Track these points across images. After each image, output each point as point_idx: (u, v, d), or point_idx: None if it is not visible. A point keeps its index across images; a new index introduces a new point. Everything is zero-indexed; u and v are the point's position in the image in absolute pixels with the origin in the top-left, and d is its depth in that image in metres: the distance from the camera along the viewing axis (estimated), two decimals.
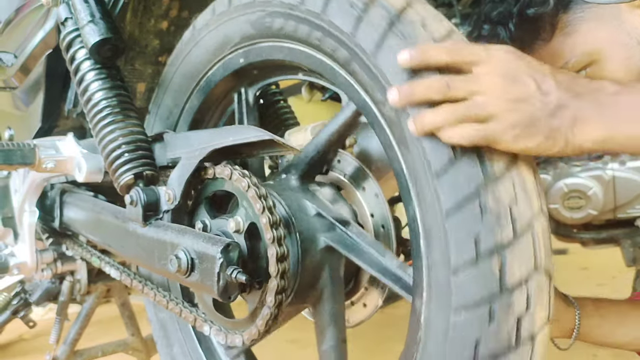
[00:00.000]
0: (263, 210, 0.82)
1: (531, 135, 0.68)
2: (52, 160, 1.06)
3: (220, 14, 1.00)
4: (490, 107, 0.68)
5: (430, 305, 0.73)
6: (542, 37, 1.02)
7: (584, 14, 0.99)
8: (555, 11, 1.00)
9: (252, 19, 0.94)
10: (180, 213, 0.97)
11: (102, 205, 1.12)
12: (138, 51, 1.25)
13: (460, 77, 0.70)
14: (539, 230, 0.71)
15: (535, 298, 0.70)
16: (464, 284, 0.69)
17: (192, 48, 1.07)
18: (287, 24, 0.88)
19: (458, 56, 0.70)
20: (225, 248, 0.82)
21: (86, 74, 1.02)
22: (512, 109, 0.68)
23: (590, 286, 2.51)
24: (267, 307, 0.84)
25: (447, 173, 0.70)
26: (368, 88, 0.79)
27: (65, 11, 1.04)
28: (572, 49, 1.00)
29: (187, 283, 0.90)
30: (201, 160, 0.91)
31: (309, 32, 0.85)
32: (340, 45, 0.80)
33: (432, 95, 0.70)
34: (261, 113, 1.17)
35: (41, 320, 2.32)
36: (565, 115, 0.68)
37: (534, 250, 0.70)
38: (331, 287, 0.90)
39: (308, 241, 0.88)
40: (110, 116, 1.00)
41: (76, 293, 1.45)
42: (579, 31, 0.99)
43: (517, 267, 0.69)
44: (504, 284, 0.68)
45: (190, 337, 1.16)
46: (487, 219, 0.68)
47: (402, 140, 0.75)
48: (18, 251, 1.33)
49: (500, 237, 0.68)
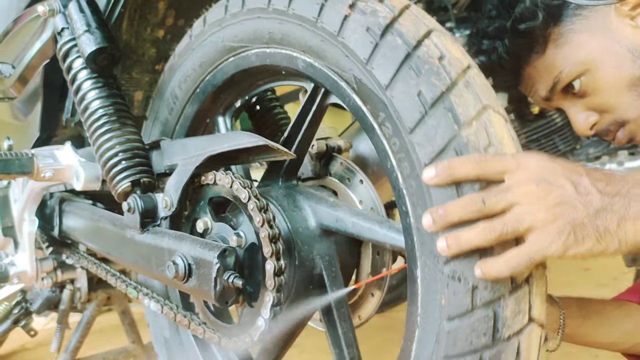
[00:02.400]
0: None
1: (579, 241, 0.65)
2: (50, 169, 1.07)
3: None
4: (530, 218, 0.65)
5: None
6: (536, 50, 1.04)
7: (574, 25, 1.01)
8: (546, 24, 1.02)
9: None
10: (178, 219, 0.98)
11: (101, 213, 1.13)
12: (135, 60, 1.25)
13: (494, 190, 0.67)
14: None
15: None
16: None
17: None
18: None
19: (487, 168, 0.67)
20: (221, 253, 0.83)
21: (83, 83, 1.03)
22: (554, 217, 0.65)
23: (592, 287, 2.51)
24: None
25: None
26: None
27: (62, 21, 1.05)
28: (565, 60, 1.02)
29: (185, 289, 0.91)
30: (197, 166, 0.92)
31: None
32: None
33: (469, 215, 0.66)
34: (258, 119, 1.18)
35: (43, 329, 2.33)
36: (610, 216, 0.66)
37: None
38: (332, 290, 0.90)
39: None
40: (107, 124, 1.01)
41: (77, 301, 1.46)
42: (571, 42, 1.01)
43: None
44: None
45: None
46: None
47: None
48: (18, 260, 1.34)
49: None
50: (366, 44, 0.76)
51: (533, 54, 1.04)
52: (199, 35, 1.03)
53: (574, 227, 0.65)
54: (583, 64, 1.01)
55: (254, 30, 0.91)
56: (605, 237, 0.66)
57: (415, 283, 0.74)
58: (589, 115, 1.05)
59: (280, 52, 0.88)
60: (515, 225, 0.65)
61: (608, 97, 1.02)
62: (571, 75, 1.02)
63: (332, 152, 1.00)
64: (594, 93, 1.02)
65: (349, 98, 0.80)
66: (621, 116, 1.03)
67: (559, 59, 1.02)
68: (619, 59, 0.98)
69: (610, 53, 0.99)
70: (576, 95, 1.04)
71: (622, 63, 0.98)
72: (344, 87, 0.80)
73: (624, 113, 1.02)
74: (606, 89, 1.01)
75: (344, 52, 0.79)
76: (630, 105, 1.01)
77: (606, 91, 1.01)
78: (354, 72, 0.78)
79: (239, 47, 0.95)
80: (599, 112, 1.05)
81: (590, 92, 1.02)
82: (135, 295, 1.08)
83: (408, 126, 0.72)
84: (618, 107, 1.02)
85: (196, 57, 1.03)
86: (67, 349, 1.68)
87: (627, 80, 0.99)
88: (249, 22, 0.92)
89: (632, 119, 1.02)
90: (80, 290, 1.45)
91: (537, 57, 1.04)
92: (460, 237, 0.67)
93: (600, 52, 0.99)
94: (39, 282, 1.36)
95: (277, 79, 1.01)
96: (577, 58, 1.01)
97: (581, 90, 1.03)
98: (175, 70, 1.09)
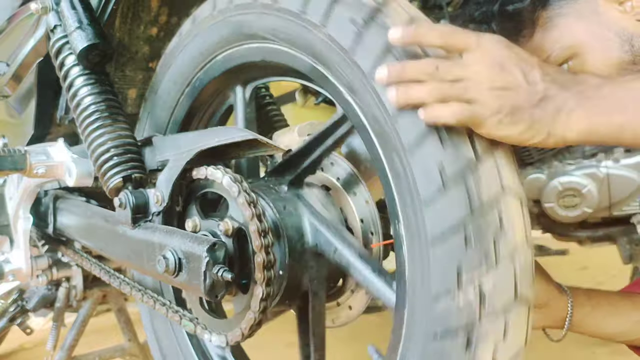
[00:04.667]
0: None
1: (514, 122, 0.69)
2: (42, 165, 1.07)
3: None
4: (475, 92, 0.70)
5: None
6: (523, 34, 1.04)
7: (562, 9, 1.01)
8: (534, 8, 1.02)
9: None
10: (171, 214, 0.98)
11: (94, 209, 1.13)
12: (128, 57, 1.26)
13: (450, 61, 0.72)
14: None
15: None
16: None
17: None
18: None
19: (450, 40, 0.72)
20: (211, 247, 0.83)
21: (75, 80, 1.03)
22: (497, 96, 0.69)
23: (590, 285, 2.48)
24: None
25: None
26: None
27: (55, 18, 1.05)
28: (552, 44, 1.01)
29: (176, 283, 0.91)
30: (187, 161, 0.92)
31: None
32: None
33: (421, 76, 0.71)
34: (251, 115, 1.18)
35: (41, 330, 2.33)
36: (549, 107, 0.70)
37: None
38: (314, 289, 0.90)
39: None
40: (99, 120, 1.01)
41: (72, 299, 1.46)
42: (559, 26, 1.01)
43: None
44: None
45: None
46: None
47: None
48: (13, 258, 1.34)
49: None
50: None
51: (520, 38, 1.04)
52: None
53: (512, 109, 0.69)
54: (571, 48, 1.00)
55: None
56: (537, 126, 0.70)
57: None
58: None
59: None
60: (460, 92, 0.70)
61: None
62: (559, 59, 1.01)
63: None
64: None
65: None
66: None
67: (546, 43, 1.02)
68: (606, 44, 0.97)
69: (598, 37, 0.98)
70: None
71: (610, 47, 0.97)
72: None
73: None
74: (594, 74, 1.01)
75: None
76: None
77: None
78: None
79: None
80: None
81: None
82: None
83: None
84: None
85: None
86: (63, 347, 1.68)
87: (616, 64, 0.97)
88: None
89: None
90: (75, 288, 1.45)
91: (524, 42, 1.04)
92: (410, 91, 0.71)
93: (588, 37, 0.99)
94: (34, 280, 1.36)
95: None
96: (564, 42, 1.00)
97: None
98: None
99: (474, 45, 0.71)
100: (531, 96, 0.70)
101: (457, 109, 0.70)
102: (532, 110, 0.70)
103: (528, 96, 0.70)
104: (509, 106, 0.69)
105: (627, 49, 0.97)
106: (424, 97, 0.71)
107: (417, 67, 0.72)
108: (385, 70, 0.72)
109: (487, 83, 0.70)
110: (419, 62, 0.72)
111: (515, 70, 0.70)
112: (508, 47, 0.72)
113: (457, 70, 0.71)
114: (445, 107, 0.70)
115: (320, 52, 0.81)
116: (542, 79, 0.70)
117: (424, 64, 0.72)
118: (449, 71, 0.71)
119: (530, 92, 0.70)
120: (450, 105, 0.70)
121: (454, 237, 0.69)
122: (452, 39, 0.72)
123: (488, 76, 0.70)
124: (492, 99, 0.69)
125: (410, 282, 0.74)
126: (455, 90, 0.70)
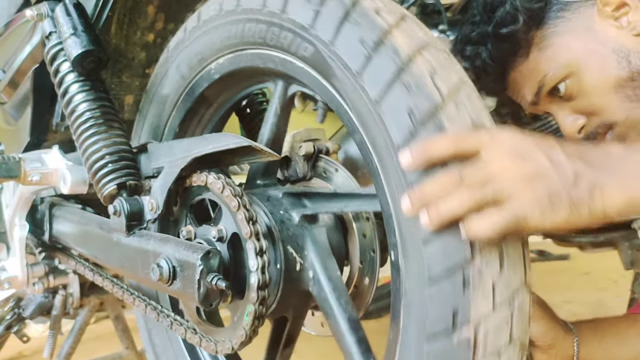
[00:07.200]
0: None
1: (555, 209, 0.66)
2: (37, 172, 1.07)
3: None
4: (508, 188, 0.66)
5: None
6: (519, 54, 1.03)
7: (557, 28, 1.00)
8: (528, 28, 1.00)
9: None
10: (166, 222, 0.98)
11: (89, 217, 1.13)
12: (125, 64, 1.25)
13: (471, 165, 0.68)
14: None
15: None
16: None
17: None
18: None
19: (462, 143, 0.68)
20: (205, 255, 0.82)
21: (70, 86, 1.03)
22: (531, 187, 0.66)
23: (592, 291, 2.49)
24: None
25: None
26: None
27: (50, 25, 1.05)
28: (549, 63, 1.00)
29: (170, 291, 0.90)
30: (182, 169, 0.92)
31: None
32: None
33: (446, 191, 0.67)
34: (248, 122, 1.18)
35: (40, 337, 2.32)
36: (583, 185, 0.67)
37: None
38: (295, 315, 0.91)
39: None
40: (94, 127, 1.01)
41: (69, 307, 1.45)
42: (554, 45, 1.00)
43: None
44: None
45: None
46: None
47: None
48: (9, 265, 1.34)
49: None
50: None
51: (517, 58, 1.03)
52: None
53: (550, 197, 0.66)
54: (567, 67, 0.99)
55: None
56: (579, 205, 0.67)
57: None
58: (576, 119, 1.03)
59: None
60: (493, 193, 0.66)
61: (594, 99, 1.00)
62: (556, 78, 1.00)
63: (320, 154, 0.99)
64: (580, 96, 1.01)
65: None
66: (609, 118, 1.01)
67: (542, 62, 1.01)
68: (603, 60, 0.96)
69: (594, 54, 0.97)
70: (563, 99, 1.03)
71: (607, 64, 0.96)
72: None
73: (611, 115, 1.00)
74: (592, 91, 0.99)
75: None
76: (617, 107, 0.99)
77: (592, 93, 0.99)
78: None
79: None
80: (586, 115, 1.03)
81: (576, 94, 1.01)
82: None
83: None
84: (605, 109, 1.00)
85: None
86: (60, 355, 1.67)
87: (613, 81, 0.97)
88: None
89: (620, 121, 1.00)
90: (72, 295, 1.44)
91: (521, 62, 1.03)
92: (440, 207, 0.67)
93: (584, 54, 0.98)
94: (30, 287, 1.35)
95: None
96: (561, 61, 0.99)
97: (567, 93, 1.01)
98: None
99: (489, 141, 0.68)
100: (563, 178, 0.67)
101: (496, 218, 0.66)
102: (569, 193, 0.66)
103: (560, 179, 0.67)
104: (546, 193, 0.66)
105: (625, 66, 0.96)
106: (457, 213, 0.66)
107: (440, 184, 0.67)
108: (407, 200, 0.68)
109: (516, 175, 0.66)
110: (440, 178, 0.68)
111: (538, 155, 0.67)
112: (522, 134, 0.69)
113: (482, 171, 0.67)
114: (484, 218, 0.66)
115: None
116: (567, 158, 0.68)
117: (446, 177, 0.68)
118: (474, 175, 0.67)
119: (560, 174, 0.67)
120: (489, 214, 0.66)
121: (452, 278, 0.68)
122: (464, 141, 0.68)
123: (514, 168, 0.67)
124: (527, 190, 0.66)
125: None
126: (488, 194, 0.66)
